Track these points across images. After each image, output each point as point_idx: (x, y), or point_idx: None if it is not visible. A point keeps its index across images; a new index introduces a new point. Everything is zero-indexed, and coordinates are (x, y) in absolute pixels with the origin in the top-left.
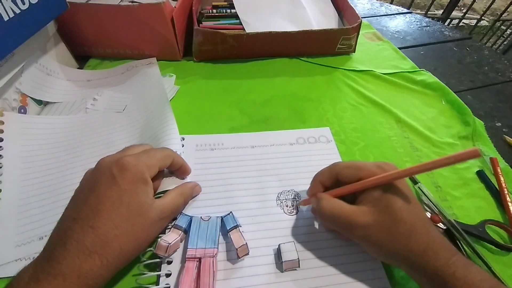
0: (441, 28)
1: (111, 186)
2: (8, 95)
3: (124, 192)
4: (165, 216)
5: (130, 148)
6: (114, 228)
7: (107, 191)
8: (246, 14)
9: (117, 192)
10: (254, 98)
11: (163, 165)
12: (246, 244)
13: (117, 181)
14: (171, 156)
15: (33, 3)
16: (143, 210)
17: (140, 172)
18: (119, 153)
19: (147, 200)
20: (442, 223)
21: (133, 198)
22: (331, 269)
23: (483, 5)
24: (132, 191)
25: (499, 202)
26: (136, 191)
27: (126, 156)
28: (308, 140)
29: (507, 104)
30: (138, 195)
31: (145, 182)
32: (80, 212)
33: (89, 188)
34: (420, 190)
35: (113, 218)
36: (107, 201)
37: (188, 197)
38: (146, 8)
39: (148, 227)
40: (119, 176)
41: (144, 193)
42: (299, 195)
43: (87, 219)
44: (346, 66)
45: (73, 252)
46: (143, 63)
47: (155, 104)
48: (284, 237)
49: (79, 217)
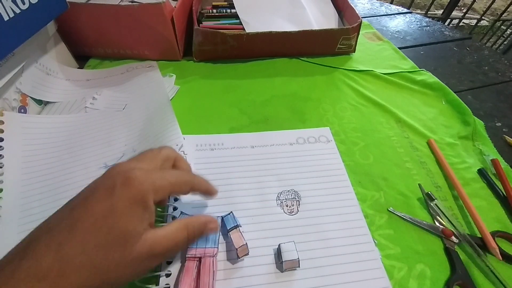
0: (441, 28)
1: (104, 200)
2: (8, 95)
3: (113, 211)
4: (156, 253)
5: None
6: (81, 253)
7: (97, 205)
8: (246, 14)
9: (105, 209)
10: (254, 98)
11: (177, 191)
12: (246, 244)
13: (113, 196)
14: (190, 184)
15: (33, 3)
16: (126, 239)
17: (142, 193)
18: (135, 160)
19: (138, 228)
20: (455, 236)
21: (119, 222)
22: (331, 269)
23: (483, 5)
24: (123, 213)
25: (501, 201)
26: (128, 214)
27: (136, 169)
28: (308, 140)
29: (507, 104)
30: (128, 219)
31: (144, 207)
32: (60, 222)
33: (84, 195)
34: (437, 207)
35: (87, 240)
36: (90, 217)
37: (195, 235)
38: (146, 8)
39: (126, 264)
40: (119, 190)
41: (136, 220)
42: (299, 195)
43: (59, 232)
44: (346, 66)
45: (24, 272)
46: (143, 65)
47: (156, 103)
48: (284, 237)
49: (54, 228)
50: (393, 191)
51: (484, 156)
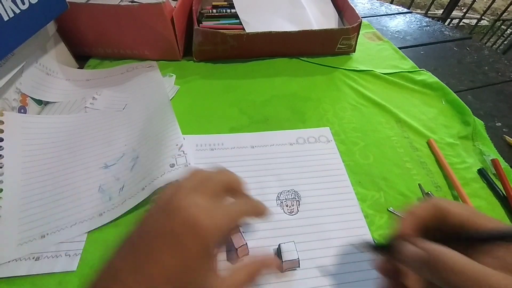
0: (441, 28)
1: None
2: (8, 95)
3: (187, 268)
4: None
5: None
6: None
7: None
8: (246, 14)
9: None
10: (254, 98)
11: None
12: (246, 244)
13: (184, 250)
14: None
15: (33, 3)
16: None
17: (209, 242)
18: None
19: (212, 282)
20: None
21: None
22: (331, 269)
23: (483, 5)
24: (196, 269)
25: (501, 201)
26: (201, 268)
27: (200, 209)
28: (308, 140)
29: (507, 104)
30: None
31: (211, 255)
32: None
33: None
34: None
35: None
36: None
37: (255, 278)
38: (146, 8)
39: None
40: (189, 241)
41: (208, 272)
42: (299, 195)
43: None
44: (346, 66)
45: None
46: (143, 65)
47: (156, 103)
48: (284, 237)
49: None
50: (393, 191)
51: (484, 156)
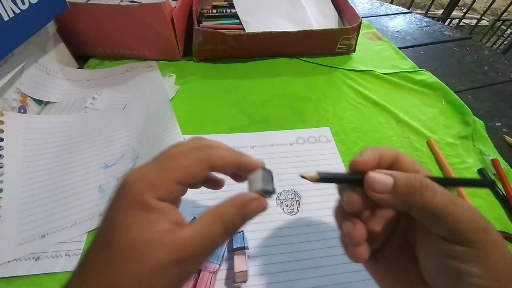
0: (441, 28)
1: (106, 218)
2: (8, 95)
3: (113, 224)
4: (186, 256)
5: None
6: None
7: (101, 221)
8: (246, 14)
9: (107, 223)
10: (254, 98)
11: (188, 177)
12: (246, 272)
13: (111, 207)
14: (205, 161)
15: (33, 3)
16: (135, 250)
17: (136, 193)
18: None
19: (146, 235)
20: None
21: (122, 233)
22: (332, 269)
23: (483, 5)
24: (122, 222)
25: (501, 201)
26: (128, 222)
27: (134, 170)
28: (308, 140)
29: (507, 104)
30: (131, 228)
31: (145, 208)
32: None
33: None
34: None
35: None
36: (98, 236)
37: (234, 222)
38: (146, 8)
39: (148, 277)
40: (114, 199)
41: (140, 226)
42: (299, 195)
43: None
44: (346, 66)
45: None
46: (143, 65)
47: (156, 103)
48: (284, 237)
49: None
50: None
51: (484, 156)
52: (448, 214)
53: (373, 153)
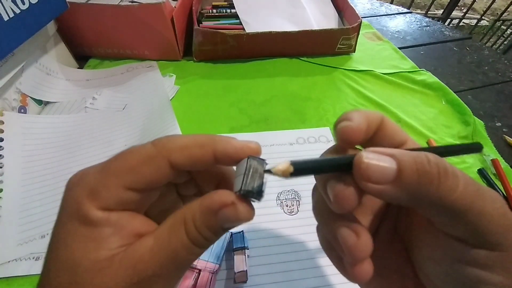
0: (441, 28)
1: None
2: (8, 95)
3: (52, 243)
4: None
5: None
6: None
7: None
8: (246, 14)
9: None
10: (254, 98)
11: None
12: (246, 271)
13: (56, 222)
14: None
15: (33, 3)
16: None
17: (73, 202)
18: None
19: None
20: None
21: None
22: (332, 269)
23: (483, 5)
24: (59, 241)
25: None
26: (66, 239)
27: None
28: (308, 140)
29: (507, 104)
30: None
31: (85, 222)
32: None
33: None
34: None
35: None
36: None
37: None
38: (146, 8)
39: None
40: (59, 210)
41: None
42: (299, 195)
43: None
44: (346, 66)
45: None
46: (143, 65)
47: (156, 103)
48: (284, 236)
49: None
50: None
51: (484, 156)
52: (474, 210)
53: (361, 117)
